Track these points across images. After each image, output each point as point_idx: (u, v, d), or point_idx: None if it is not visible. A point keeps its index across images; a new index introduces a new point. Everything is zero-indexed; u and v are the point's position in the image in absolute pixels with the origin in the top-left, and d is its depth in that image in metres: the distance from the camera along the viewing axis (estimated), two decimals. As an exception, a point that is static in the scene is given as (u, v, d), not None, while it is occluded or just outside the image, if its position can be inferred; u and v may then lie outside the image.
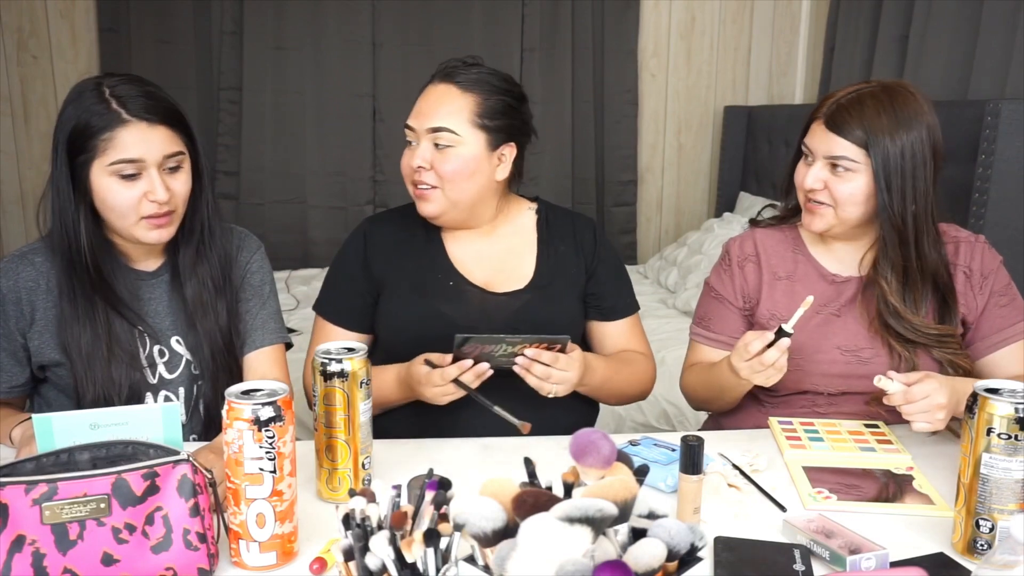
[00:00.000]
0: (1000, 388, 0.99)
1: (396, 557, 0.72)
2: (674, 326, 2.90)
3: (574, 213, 1.62)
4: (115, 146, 1.22)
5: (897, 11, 2.96)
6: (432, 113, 1.40)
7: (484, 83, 1.42)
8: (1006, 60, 2.46)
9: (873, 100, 1.33)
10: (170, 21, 3.53)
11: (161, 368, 1.35)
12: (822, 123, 1.36)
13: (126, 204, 1.25)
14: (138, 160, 1.23)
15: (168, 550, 0.92)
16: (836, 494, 1.15)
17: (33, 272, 1.32)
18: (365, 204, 3.74)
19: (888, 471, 1.22)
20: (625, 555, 0.67)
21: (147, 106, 1.24)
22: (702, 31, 3.90)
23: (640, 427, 2.43)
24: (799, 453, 1.27)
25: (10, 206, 3.62)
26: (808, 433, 1.34)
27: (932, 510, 1.11)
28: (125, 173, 1.23)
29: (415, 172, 1.42)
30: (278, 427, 0.93)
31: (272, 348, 1.43)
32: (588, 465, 0.74)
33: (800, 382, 1.42)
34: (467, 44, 3.58)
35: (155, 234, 1.29)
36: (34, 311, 1.31)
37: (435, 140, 1.40)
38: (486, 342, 1.25)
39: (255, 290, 1.44)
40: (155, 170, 1.25)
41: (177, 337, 1.37)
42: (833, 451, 1.27)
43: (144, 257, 1.37)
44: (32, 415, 1.01)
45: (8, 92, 3.51)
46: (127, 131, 1.22)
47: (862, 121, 1.31)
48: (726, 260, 1.54)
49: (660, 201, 4.07)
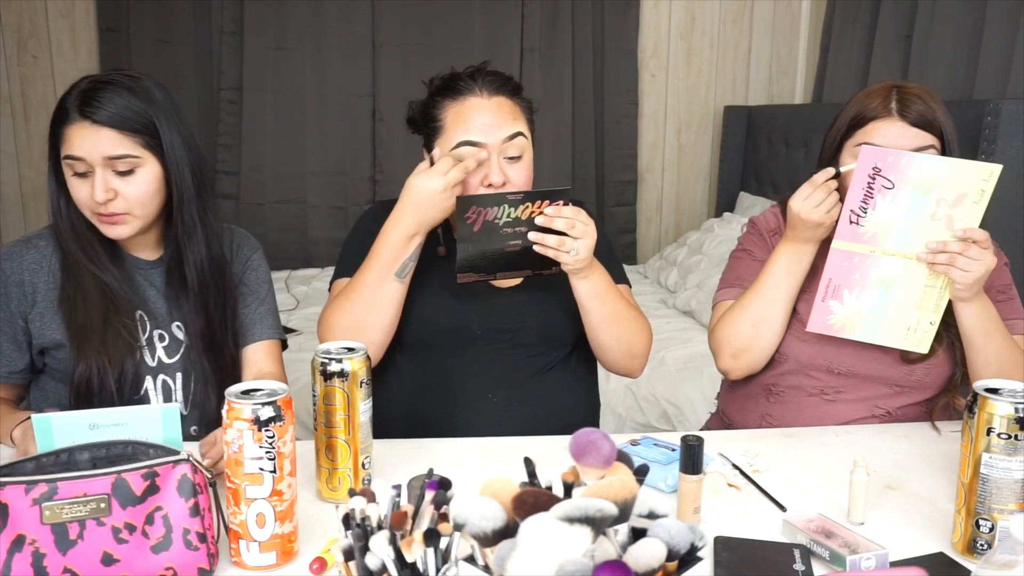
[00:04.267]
0: (1000, 388, 0.99)
1: (396, 557, 0.72)
2: (674, 326, 2.90)
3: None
4: (65, 142, 1.26)
5: (898, 11, 2.96)
6: (504, 125, 1.36)
7: (518, 88, 1.42)
8: (1008, 60, 2.46)
9: (922, 91, 1.36)
10: (170, 21, 3.53)
11: (160, 351, 1.37)
12: (897, 119, 1.34)
13: (80, 199, 1.29)
14: (81, 159, 1.25)
15: (168, 550, 0.92)
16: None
17: (36, 255, 1.34)
18: (365, 204, 3.74)
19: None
20: (625, 555, 0.67)
21: (98, 108, 1.25)
22: (702, 31, 3.90)
23: (640, 427, 2.43)
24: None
25: (10, 206, 3.62)
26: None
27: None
28: (77, 171, 1.27)
29: (489, 190, 1.37)
30: (278, 427, 0.93)
31: (269, 343, 1.45)
32: (588, 465, 0.74)
33: (814, 356, 1.44)
34: (467, 44, 3.59)
35: (110, 230, 1.31)
36: (36, 293, 1.33)
37: (508, 152, 1.37)
38: (488, 203, 1.27)
39: (252, 289, 1.46)
40: (100, 170, 1.26)
41: (178, 323, 1.38)
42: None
43: (138, 247, 1.39)
44: (32, 415, 1.01)
45: (8, 92, 3.52)
46: (73, 129, 1.25)
47: (930, 108, 1.34)
48: (755, 230, 1.56)
49: (660, 201, 4.08)
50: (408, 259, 1.37)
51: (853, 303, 1.36)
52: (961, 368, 1.41)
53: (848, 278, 1.35)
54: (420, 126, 1.45)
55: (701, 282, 3.08)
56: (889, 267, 1.33)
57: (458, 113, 1.37)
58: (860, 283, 1.35)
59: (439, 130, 1.39)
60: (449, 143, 1.37)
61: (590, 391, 1.56)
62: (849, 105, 1.40)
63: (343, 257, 1.51)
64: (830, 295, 1.36)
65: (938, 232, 1.30)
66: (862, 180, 1.29)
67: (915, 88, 1.36)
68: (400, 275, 1.37)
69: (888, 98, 1.35)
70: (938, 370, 1.42)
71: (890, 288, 1.34)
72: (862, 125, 1.37)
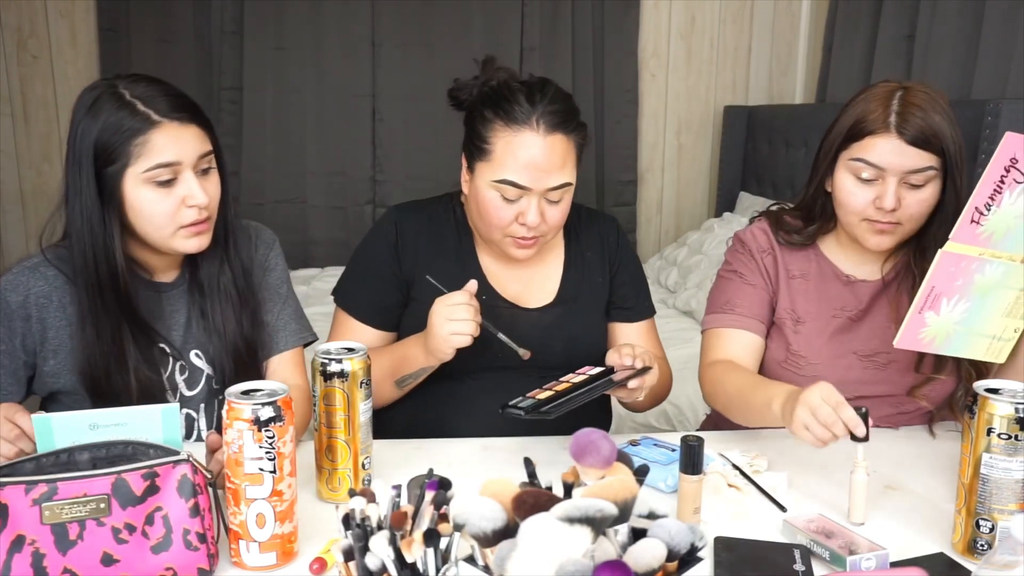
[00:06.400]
0: (1000, 388, 0.98)
1: (396, 557, 0.72)
2: (674, 326, 2.90)
3: (597, 213, 1.57)
4: (149, 151, 1.14)
5: (899, 11, 2.96)
6: (553, 172, 1.31)
7: (575, 115, 1.35)
8: (1008, 60, 2.46)
9: (927, 101, 1.26)
10: (170, 21, 3.53)
11: (182, 386, 1.30)
12: (894, 136, 1.25)
13: (164, 214, 1.17)
14: (174, 163, 1.16)
15: (168, 550, 0.92)
16: None
17: (45, 286, 1.22)
18: (365, 204, 3.74)
19: None
20: (625, 555, 0.67)
21: (174, 104, 1.17)
22: (702, 31, 3.90)
23: (640, 427, 2.43)
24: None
25: (10, 206, 3.62)
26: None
27: None
28: (161, 179, 1.16)
29: (522, 228, 1.34)
30: (278, 427, 0.93)
31: (293, 352, 1.38)
32: (588, 465, 0.74)
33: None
34: (467, 44, 3.58)
35: (195, 242, 1.21)
36: (45, 329, 1.23)
37: (550, 197, 1.33)
38: (565, 396, 1.18)
39: (274, 290, 1.38)
40: (191, 172, 1.18)
41: (196, 351, 1.31)
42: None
43: (167, 268, 1.30)
44: (32, 415, 1.00)
45: (8, 92, 3.51)
46: (160, 133, 1.15)
47: (931, 125, 1.24)
48: (743, 248, 1.46)
49: (660, 201, 4.07)
50: (410, 376, 1.35)
51: (948, 313, 1.18)
52: (964, 386, 1.35)
53: (951, 285, 1.16)
54: (466, 135, 1.40)
55: (701, 282, 3.08)
56: (992, 271, 1.17)
57: (509, 145, 1.31)
58: (961, 290, 1.17)
59: (486, 153, 1.33)
60: (493, 174, 1.32)
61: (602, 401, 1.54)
62: (850, 107, 1.32)
63: (351, 278, 1.48)
64: (929, 306, 1.17)
65: None
66: (996, 173, 1.11)
67: (920, 96, 1.26)
68: (399, 385, 1.36)
69: (888, 108, 1.26)
70: (943, 387, 1.38)
71: (986, 295, 1.18)
72: (859, 138, 1.29)
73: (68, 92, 3.51)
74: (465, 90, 1.40)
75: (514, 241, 1.37)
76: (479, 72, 1.40)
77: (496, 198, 1.33)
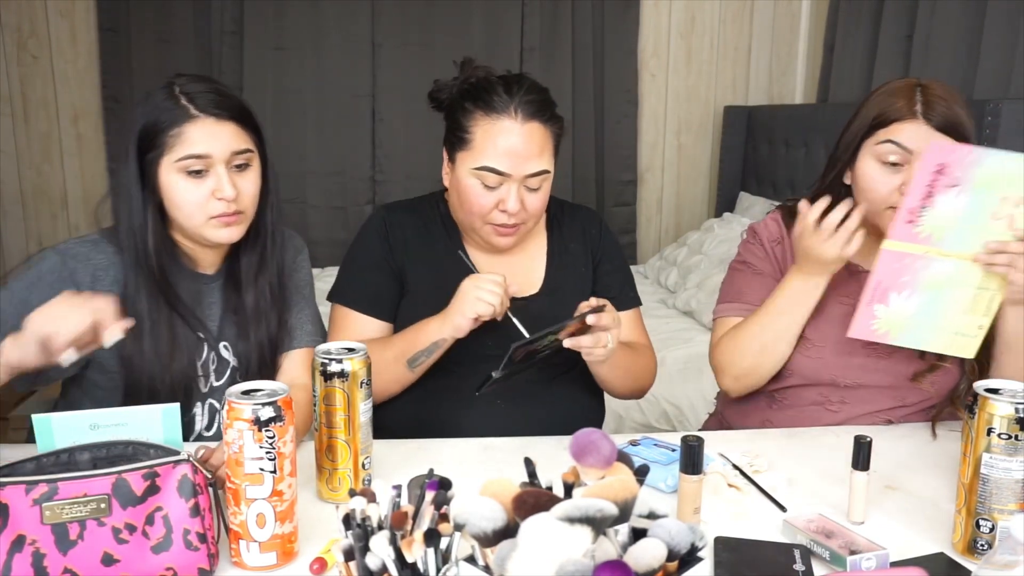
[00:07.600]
0: (1000, 388, 0.99)
1: (396, 557, 0.72)
2: (674, 326, 2.90)
3: (579, 206, 1.61)
4: (183, 141, 1.22)
5: (900, 11, 2.96)
6: (532, 158, 1.35)
7: (551, 106, 1.40)
8: (1008, 60, 2.46)
9: (947, 93, 1.30)
10: (170, 21, 3.53)
11: (212, 376, 1.34)
12: (922, 123, 1.28)
13: (194, 202, 1.24)
14: (205, 156, 1.22)
15: (168, 550, 0.92)
16: None
17: (104, 260, 1.28)
18: (365, 204, 3.74)
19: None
20: (625, 555, 0.67)
21: (215, 102, 1.24)
22: (702, 31, 3.90)
23: (640, 427, 2.43)
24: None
25: (10, 206, 3.62)
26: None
27: None
28: (192, 169, 1.22)
29: (502, 215, 1.37)
30: (278, 427, 0.93)
31: (307, 351, 1.40)
32: (588, 465, 0.74)
33: (819, 371, 1.43)
34: (467, 44, 3.59)
35: (224, 232, 1.27)
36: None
37: (529, 184, 1.37)
38: (538, 341, 1.24)
39: (298, 291, 1.43)
40: (222, 167, 1.23)
41: (225, 343, 1.35)
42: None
43: (207, 260, 1.35)
44: (32, 415, 1.00)
45: (8, 92, 3.51)
46: (195, 126, 1.22)
47: (955, 114, 1.28)
48: (755, 239, 1.51)
49: (660, 201, 4.08)
50: (423, 353, 1.36)
51: (899, 306, 1.27)
52: (968, 378, 1.37)
53: (897, 280, 1.26)
54: (447, 129, 1.43)
55: (701, 282, 3.08)
56: (941, 269, 1.25)
57: (488, 133, 1.35)
58: (909, 285, 1.26)
59: (466, 143, 1.37)
60: (474, 162, 1.36)
61: (595, 395, 1.56)
62: (869, 103, 1.34)
63: (345, 274, 1.50)
64: (876, 299, 1.27)
65: (998, 232, 1.21)
66: (925, 177, 1.20)
67: (939, 89, 1.30)
68: (411, 365, 1.37)
69: (913, 99, 1.29)
70: (945, 380, 1.40)
71: (940, 291, 1.26)
72: (885, 125, 1.31)
73: (68, 92, 3.52)
74: (445, 90, 1.44)
75: (495, 229, 1.40)
76: (458, 73, 1.44)
77: (477, 185, 1.37)
